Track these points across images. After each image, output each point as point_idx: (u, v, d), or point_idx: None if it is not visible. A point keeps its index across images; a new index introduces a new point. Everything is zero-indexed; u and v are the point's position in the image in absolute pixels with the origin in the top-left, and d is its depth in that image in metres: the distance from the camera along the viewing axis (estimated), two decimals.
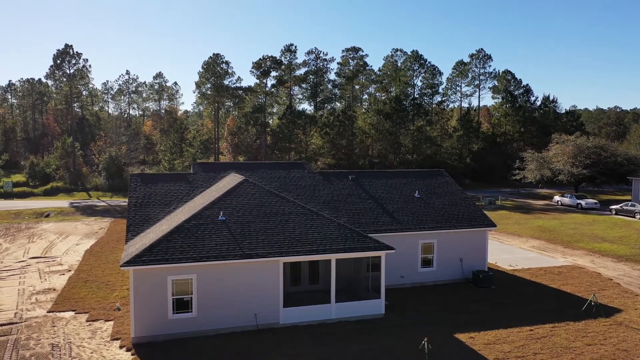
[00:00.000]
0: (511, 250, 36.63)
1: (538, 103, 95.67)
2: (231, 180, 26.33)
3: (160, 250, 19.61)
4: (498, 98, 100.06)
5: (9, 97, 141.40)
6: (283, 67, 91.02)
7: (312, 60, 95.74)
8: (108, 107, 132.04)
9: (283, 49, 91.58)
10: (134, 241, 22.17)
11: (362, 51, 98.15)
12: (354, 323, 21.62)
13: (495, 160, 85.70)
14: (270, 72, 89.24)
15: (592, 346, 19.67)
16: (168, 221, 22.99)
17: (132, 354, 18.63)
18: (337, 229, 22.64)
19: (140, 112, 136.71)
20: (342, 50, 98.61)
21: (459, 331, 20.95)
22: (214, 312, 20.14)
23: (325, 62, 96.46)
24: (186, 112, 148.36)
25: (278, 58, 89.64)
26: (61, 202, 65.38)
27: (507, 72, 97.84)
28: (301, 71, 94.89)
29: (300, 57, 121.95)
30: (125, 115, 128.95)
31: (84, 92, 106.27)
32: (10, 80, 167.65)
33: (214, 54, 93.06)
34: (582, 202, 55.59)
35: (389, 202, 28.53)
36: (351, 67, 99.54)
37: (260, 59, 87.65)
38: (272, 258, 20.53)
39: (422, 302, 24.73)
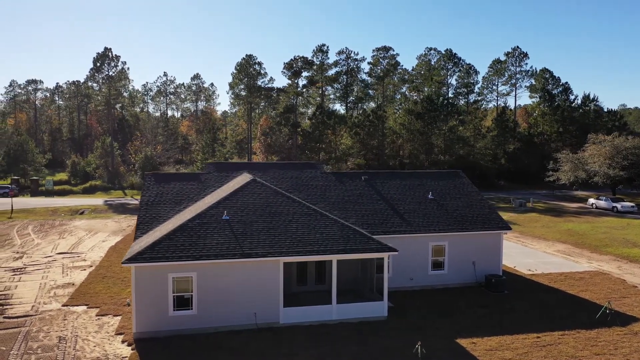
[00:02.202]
0: (534, 254, 35.52)
1: (578, 102, 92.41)
2: (241, 180, 26.63)
3: (162, 248, 20.05)
4: (536, 97, 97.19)
5: (57, 98, 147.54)
6: (315, 67, 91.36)
7: (343, 60, 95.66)
8: (147, 108, 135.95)
9: (315, 49, 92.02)
10: (141, 239, 22.76)
11: (393, 50, 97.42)
12: (355, 325, 21.48)
13: (532, 161, 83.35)
14: (302, 72, 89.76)
15: (600, 356, 18.85)
16: (175, 220, 23.48)
17: (132, 349, 19.12)
18: (341, 229, 22.55)
19: (181, 113, 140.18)
20: (373, 50, 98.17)
21: (462, 336, 20.49)
22: (214, 310, 20.43)
23: (357, 62, 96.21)
24: (225, 112, 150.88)
25: (309, 58, 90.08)
26: (97, 200, 67.80)
27: (545, 70, 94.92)
28: (332, 71, 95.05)
29: (332, 58, 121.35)
30: (164, 116, 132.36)
31: (124, 94, 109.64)
32: (57, 83, 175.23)
33: (247, 55, 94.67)
34: (618, 206, 53.30)
35: (400, 203, 28.19)
36: (382, 67, 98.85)
37: (291, 59, 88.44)
38: (271, 258, 20.65)
39: (429, 305, 24.32)
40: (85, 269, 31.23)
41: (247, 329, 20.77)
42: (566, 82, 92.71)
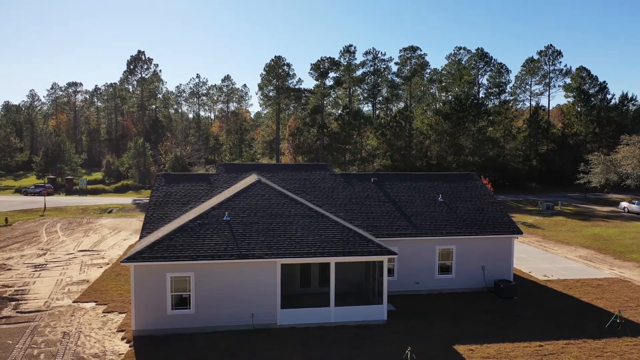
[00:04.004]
0: (553, 259, 34.43)
1: (616, 101, 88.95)
2: (249, 181, 26.83)
3: (161, 248, 20.43)
4: (571, 97, 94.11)
5: (95, 100, 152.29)
6: (342, 68, 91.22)
7: (370, 60, 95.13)
8: (181, 109, 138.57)
9: (342, 50, 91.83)
10: (146, 239, 23.24)
11: (421, 50, 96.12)
12: (353, 328, 21.33)
13: (566, 162, 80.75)
14: (329, 73, 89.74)
15: None
16: (179, 220, 23.88)
17: (130, 346, 19.57)
18: (341, 232, 22.45)
19: (215, 114, 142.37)
20: (400, 50, 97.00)
21: (460, 342, 20.06)
22: (211, 309, 20.68)
23: (384, 63, 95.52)
24: (258, 113, 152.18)
25: (337, 59, 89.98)
26: (126, 199, 69.67)
27: (581, 68, 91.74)
28: (359, 72, 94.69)
29: (359, 58, 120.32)
30: (196, 117, 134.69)
31: (159, 96, 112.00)
32: (96, 85, 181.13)
33: (275, 56, 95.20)
34: None
35: (408, 206, 27.82)
36: (410, 67, 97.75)
37: (318, 60, 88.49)
38: (268, 259, 20.74)
39: (432, 309, 23.91)
40: (101, 267, 32.13)
41: (245, 329, 20.92)
42: (604, 81, 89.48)
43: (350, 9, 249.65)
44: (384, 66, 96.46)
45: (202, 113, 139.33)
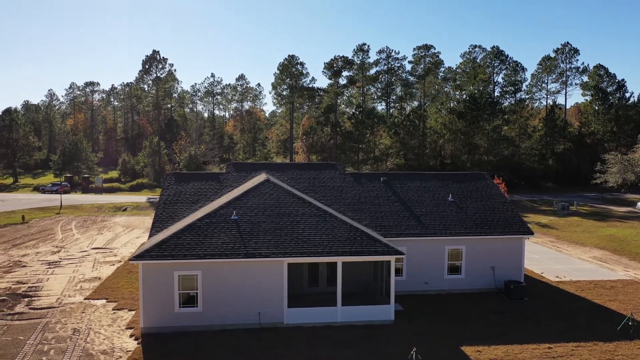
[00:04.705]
0: (567, 260, 33.95)
1: (634, 100, 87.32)
2: (257, 180, 26.90)
3: (169, 247, 20.60)
4: (588, 95, 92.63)
5: (112, 99, 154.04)
6: (355, 66, 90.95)
7: (384, 59, 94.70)
8: (196, 108, 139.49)
9: (355, 48, 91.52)
10: (154, 237, 23.44)
11: (435, 49, 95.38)
12: (359, 328, 21.28)
13: (582, 162, 79.56)
14: (342, 72, 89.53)
15: None
16: (188, 219, 24.05)
17: (138, 344, 19.77)
18: (348, 231, 22.40)
19: (230, 113, 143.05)
20: (414, 49, 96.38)
21: (468, 343, 19.88)
22: (218, 308, 20.80)
23: (398, 61, 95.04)
24: (273, 112, 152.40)
25: (350, 58, 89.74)
26: (141, 198, 70.39)
27: (599, 66, 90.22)
28: (373, 71, 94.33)
29: (372, 57, 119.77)
30: (210, 116, 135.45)
31: (174, 95, 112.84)
32: (112, 84, 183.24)
33: (289, 55, 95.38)
34: None
35: (418, 205, 27.65)
36: (424, 66, 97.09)
37: (332, 59, 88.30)
38: (275, 258, 20.79)
39: (441, 310, 23.75)
40: (114, 264, 32.52)
41: (251, 328, 20.99)
42: (622, 79, 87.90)
43: (364, 7, 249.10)
44: (398, 65, 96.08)
45: (216, 112, 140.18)
